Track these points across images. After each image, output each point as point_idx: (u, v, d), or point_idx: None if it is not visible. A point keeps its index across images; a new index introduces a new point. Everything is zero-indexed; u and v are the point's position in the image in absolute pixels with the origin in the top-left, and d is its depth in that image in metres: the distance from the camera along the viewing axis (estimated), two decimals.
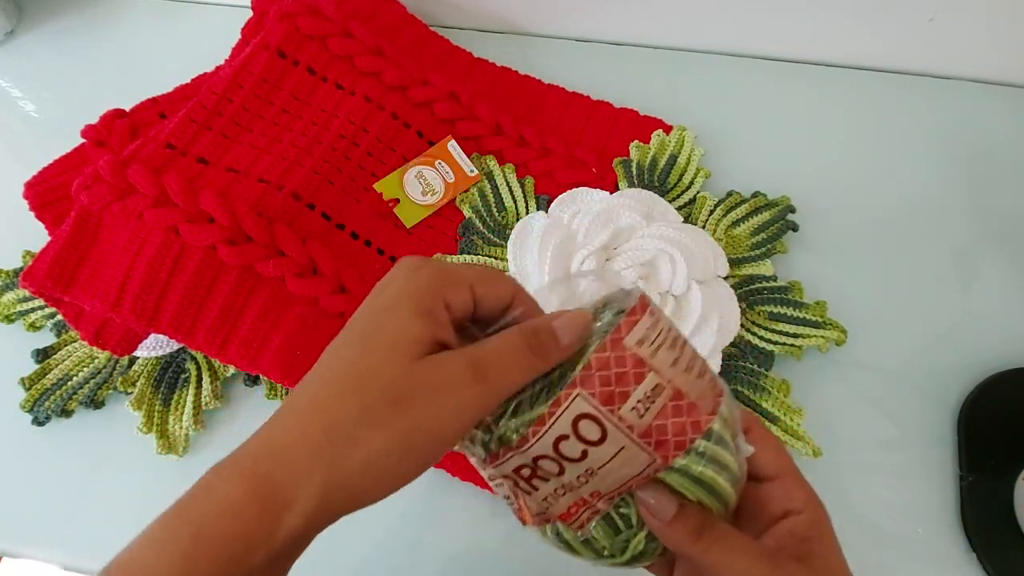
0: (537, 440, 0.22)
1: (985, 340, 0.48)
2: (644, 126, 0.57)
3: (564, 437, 0.22)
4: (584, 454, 0.22)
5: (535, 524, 0.26)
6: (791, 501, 0.27)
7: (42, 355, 0.48)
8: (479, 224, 0.51)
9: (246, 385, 0.48)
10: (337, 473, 0.21)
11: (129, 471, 0.45)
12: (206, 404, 0.46)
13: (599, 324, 0.24)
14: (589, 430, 0.22)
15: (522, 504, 0.25)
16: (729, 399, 0.25)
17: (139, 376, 0.47)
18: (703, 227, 0.51)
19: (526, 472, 0.23)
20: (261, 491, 0.21)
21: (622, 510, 0.25)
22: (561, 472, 0.23)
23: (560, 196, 0.52)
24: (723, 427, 0.24)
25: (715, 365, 0.45)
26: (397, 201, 0.51)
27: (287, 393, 0.47)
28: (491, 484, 0.26)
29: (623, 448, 0.22)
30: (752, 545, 0.25)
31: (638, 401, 0.22)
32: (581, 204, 0.51)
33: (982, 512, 0.42)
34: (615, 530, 0.25)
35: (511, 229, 0.50)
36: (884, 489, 0.44)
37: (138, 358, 0.47)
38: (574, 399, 0.22)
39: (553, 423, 0.22)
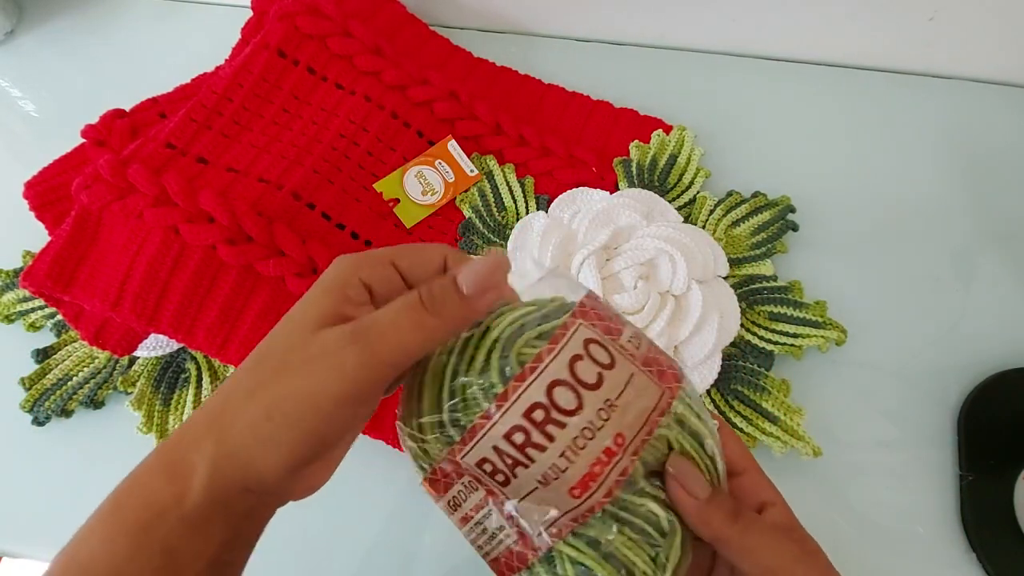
0: (552, 359, 0.21)
1: (985, 340, 0.48)
2: (644, 126, 0.57)
3: (578, 356, 0.21)
4: (600, 378, 0.21)
5: (533, 556, 0.22)
6: (764, 493, 0.27)
7: (42, 355, 0.48)
8: (479, 224, 0.51)
9: None
10: (224, 440, 0.21)
11: (129, 471, 0.45)
12: None
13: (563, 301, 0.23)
14: (599, 353, 0.21)
15: (515, 516, 0.22)
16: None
17: (139, 376, 0.47)
18: (703, 227, 0.51)
19: (539, 416, 0.20)
20: (165, 461, 0.22)
21: (650, 510, 0.22)
22: (580, 406, 0.20)
23: (560, 196, 0.52)
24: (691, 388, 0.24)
25: (715, 365, 0.45)
26: (397, 201, 0.51)
27: None
28: (461, 516, 0.23)
29: (633, 375, 0.22)
30: (777, 526, 0.25)
31: (630, 337, 0.23)
32: (581, 204, 0.51)
33: (982, 512, 0.42)
34: (647, 540, 0.22)
35: (511, 229, 0.50)
36: (884, 489, 0.44)
37: (138, 358, 0.47)
38: (578, 327, 0.21)
39: (565, 344, 0.21)
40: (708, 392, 0.45)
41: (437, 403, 0.22)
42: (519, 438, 0.21)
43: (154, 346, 0.47)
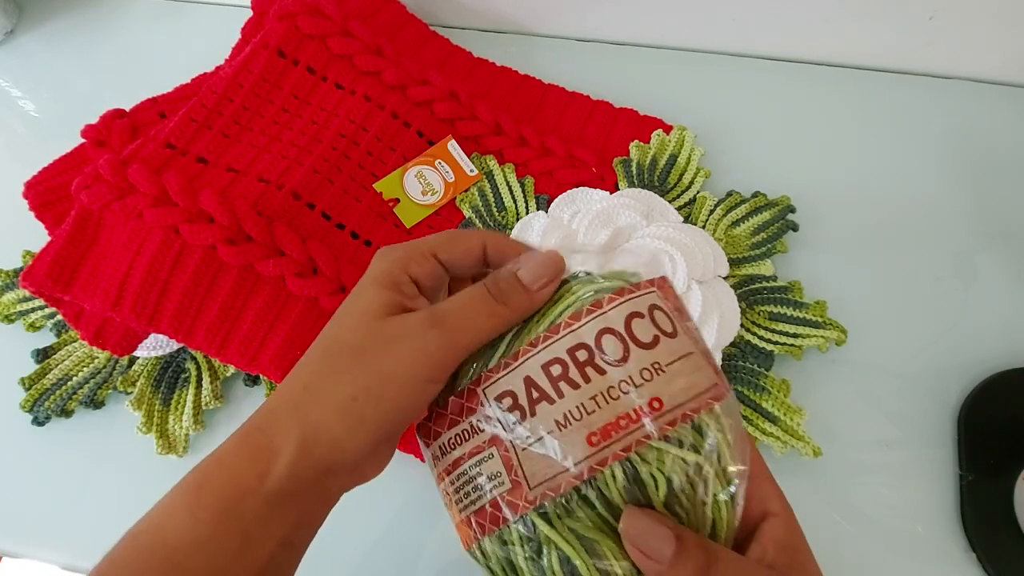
0: (612, 308, 0.20)
1: (985, 340, 0.48)
2: (644, 126, 0.57)
3: (639, 315, 0.20)
4: (656, 340, 0.20)
5: (528, 503, 0.20)
6: (769, 503, 0.26)
7: (42, 355, 0.48)
8: (479, 224, 0.51)
9: (246, 385, 0.48)
10: (311, 422, 0.23)
11: (129, 471, 0.45)
12: (206, 404, 0.46)
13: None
14: (663, 321, 0.21)
15: (515, 463, 0.20)
16: None
17: (139, 376, 0.47)
18: (703, 227, 0.51)
19: (582, 356, 0.20)
20: (250, 443, 0.23)
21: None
22: (624, 359, 0.20)
23: (560, 196, 0.52)
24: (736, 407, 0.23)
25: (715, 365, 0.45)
26: (397, 201, 0.51)
27: None
28: (452, 460, 0.22)
29: (691, 354, 0.21)
30: (762, 561, 0.24)
31: (695, 329, 0.22)
32: (581, 204, 0.51)
33: (982, 512, 0.42)
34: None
35: (511, 229, 0.50)
36: (884, 489, 0.44)
37: (138, 358, 0.47)
38: (648, 291, 0.21)
39: (629, 299, 0.20)
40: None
41: (504, 341, 0.22)
42: (556, 370, 0.20)
43: (154, 346, 0.47)
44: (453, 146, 0.53)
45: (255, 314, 0.43)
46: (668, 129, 0.56)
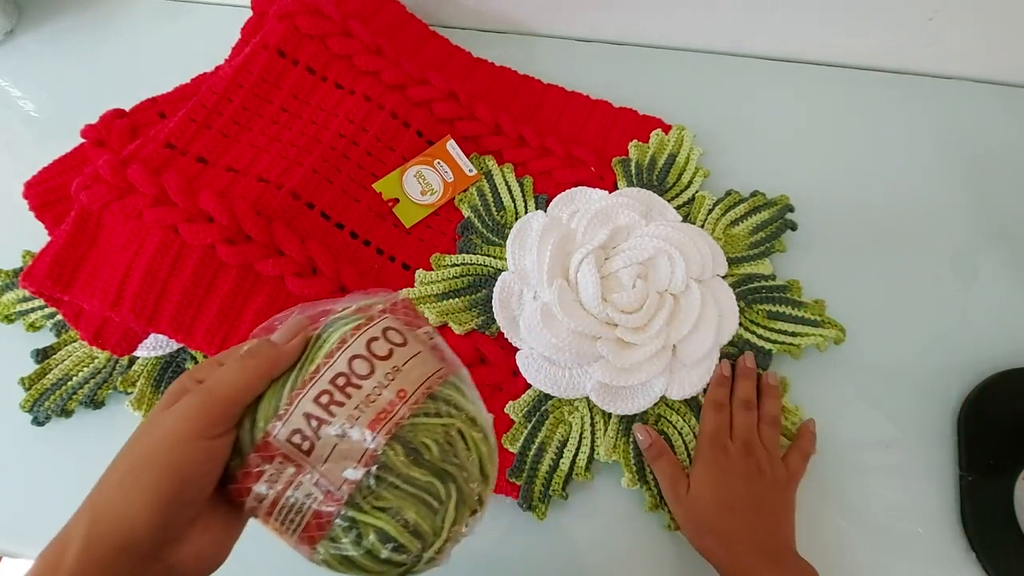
0: (354, 340, 0.27)
1: (985, 340, 0.48)
2: (643, 125, 0.57)
3: (375, 338, 0.27)
4: (390, 352, 0.27)
5: (332, 511, 0.25)
6: None
7: (42, 355, 0.48)
8: (478, 224, 0.51)
9: None
10: (97, 504, 0.24)
11: None
12: None
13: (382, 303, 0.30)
14: (394, 336, 0.27)
15: (319, 478, 0.25)
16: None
17: (139, 376, 0.47)
18: (702, 226, 0.51)
19: (340, 381, 0.26)
20: (54, 540, 0.25)
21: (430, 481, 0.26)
22: (372, 372, 0.26)
23: (559, 195, 0.52)
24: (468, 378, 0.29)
25: (713, 363, 0.46)
26: (396, 201, 0.51)
27: None
28: (271, 500, 0.25)
29: (420, 352, 0.28)
30: None
31: (427, 331, 0.29)
32: (580, 203, 0.51)
33: (982, 512, 0.42)
34: (428, 506, 0.26)
35: (510, 228, 0.50)
36: (884, 489, 0.44)
37: (138, 358, 0.47)
38: (382, 319, 0.28)
39: (366, 329, 0.27)
40: (706, 391, 0.45)
41: (276, 396, 0.27)
42: (324, 399, 0.25)
43: (154, 346, 0.47)
44: (452, 146, 0.53)
45: (254, 314, 0.43)
46: (667, 129, 0.56)
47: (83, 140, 0.49)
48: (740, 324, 0.47)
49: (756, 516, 0.39)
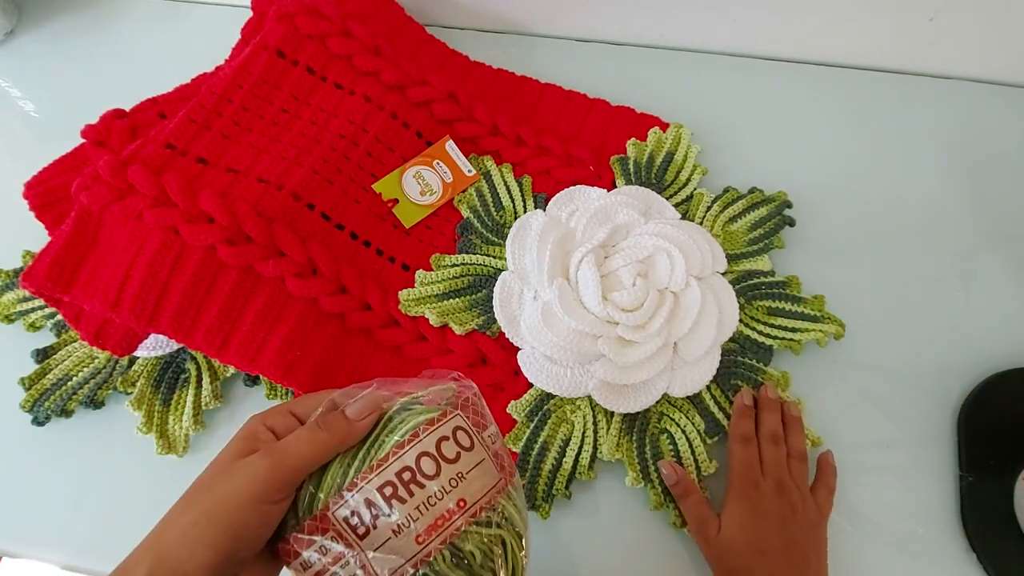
0: (426, 436, 0.27)
1: (985, 340, 0.48)
2: (641, 124, 0.57)
3: (445, 438, 0.28)
4: (457, 456, 0.28)
5: None
6: None
7: (42, 355, 0.48)
8: (477, 224, 0.51)
9: (246, 385, 0.48)
10: (159, 548, 0.26)
11: (129, 471, 0.45)
12: (206, 404, 0.46)
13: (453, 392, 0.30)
14: (463, 439, 0.28)
15: (367, 565, 0.26)
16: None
17: (139, 376, 0.47)
18: (700, 223, 0.51)
19: (407, 476, 0.27)
20: (122, 567, 0.26)
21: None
22: (437, 473, 0.27)
23: (558, 194, 0.52)
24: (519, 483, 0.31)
25: (714, 360, 0.46)
26: (396, 201, 0.51)
27: (287, 393, 0.47)
28: (315, 572, 0.26)
29: (483, 460, 0.28)
30: None
31: (491, 434, 0.30)
32: (579, 202, 0.51)
33: (982, 512, 0.42)
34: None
35: (509, 228, 0.50)
36: (884, 489, 0.44)
37: (138, 358, 0.47)
38: (453, 416, 0.29)
39: (439, 426, 0.28)
40: (708, 388, 0.45)
41: (342, 472, 0.28)
42: (388, 490, 0.26)
43: (154, 346, 0.47)
44: (451, 147, 0.53)
45: (255, 315, 0.43)
46: (664, 127, 0.56)
47: (83, 140, 0.49)
48: (740, 320, 0.47)
49: (787, 560, 0.38)
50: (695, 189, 0.53)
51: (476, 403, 0.30)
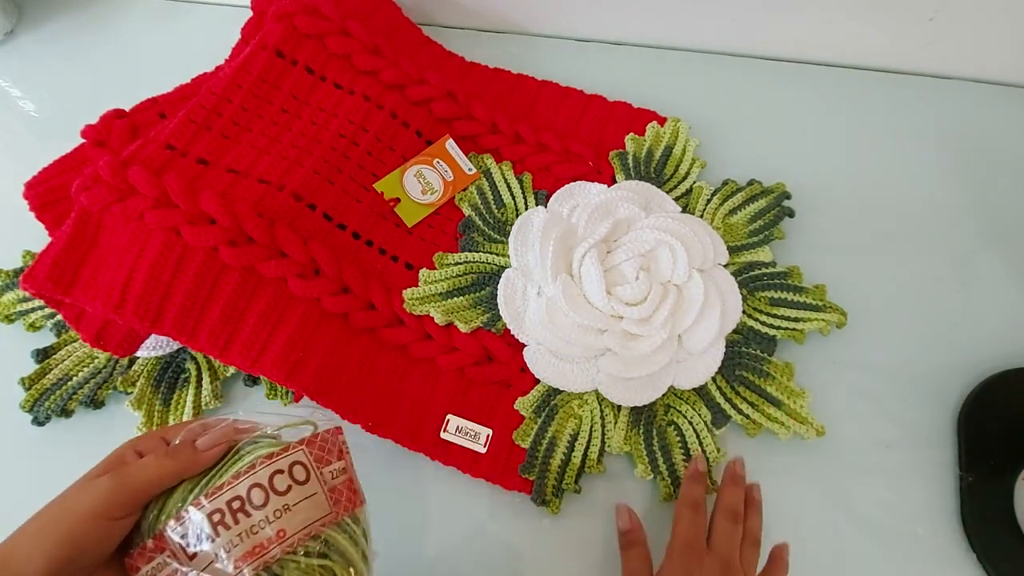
0: (262, 468, 0.29)
1: (985, 340, 0.48)
2: (638, 118, 0.57)
3: (280, 471, 0.29)
4: (288, 488, 0.29)
5: None
6: None
7: (42, 355, 0.48)
8: (479, 222, 0.51)
9: (246, 385, 0.48)
10: (5, 548, 0.28)
11: None
12: (206, 404, 0.46)
13: (315, 428, 0.32)
14: (298, 473, 0.30)
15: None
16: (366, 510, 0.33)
17: (139, 376, 0.47)
18: (701, 216, 0.52)
19: (236, 504, 0.28)
20: None
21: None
22: (265, 503, 0.28)
23: (558, 191, 0.52)
24: (365, 516, 0.32)
25: (719, 352, 0.46)
26: (397, 200, 0.51)
27: (287, 394, 0.47)
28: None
29: (315, 494, 0.30)
30: None
31: (334, 470, 0.31)
32: (579, 198, 0.51)
33: (982, 512, 0.42)
34: None
35: (511, 225, 0.50)
36: (884, 489, 0.44)
37: (138, 358, 0.47)
38: (296, 451, 0.30)
39: (276, 460, 0.29)
40: (714, 379, 0.45)
41: (183, 497, 0.29)
42: (217, 517, 0.28)
43: (154, 346, 0.47)
44: (451, 145, 0.53)
45: (258, 316, 0.42)
46: (662, 121, 0.57)
47: (83, 140, 0.49)
48: (743, 311, 0.47)
49: None
50: (694, 182, 0.53)
51: (328, 441, 0.31)
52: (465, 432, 0.44)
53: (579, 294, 0.46)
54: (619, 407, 0.45)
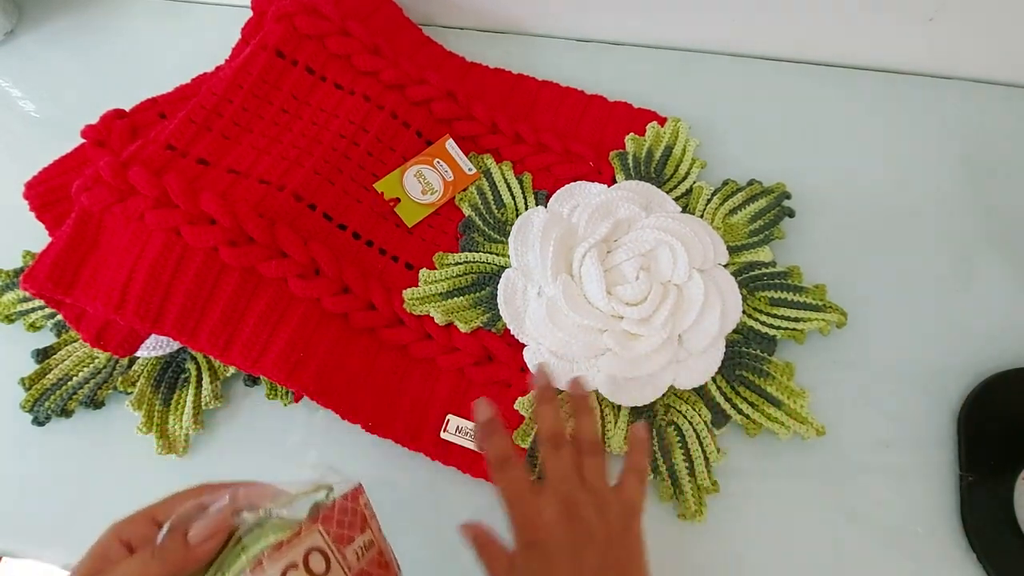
0: (272, 565, 0.25)
1: (985, 340, 0.48)
2: (638, 118, 0.57)
3: (294, 565, 0.25)
4: None
5: None
6: None
7: (42, 355, 0.48)
8: (479, 222, 0.51)
9: (246, 385, 0.48)
10: None
11: (129, 471, 0.45)
12: (206, 404, 0.46)
13: (329, 493, 0.28)
14: (316, 564, 0.26)
15: None
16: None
17: (139, 376, 0.47)
18: (701, 216, 0.52)
19: None
20: None
21: None
22: None
23: (559, 191, 0.52)
24: None
25: (719, 352, 0.46)
26: (398, 200, 0.51)
27: (288, 394, 0.47)
28: None
29: None
30: None
31: (359, 547, 0.27)
32: (580, 198, 0.51)
33: (982, 512, 0.42)
34: None
35: (511, 225, 0.50)
36: (884, 489, 0.44)
37: (138, 358, 0.47)
38: (310, 534, 0.26)
39: (288, 551, 0.25)
40: (714, 379, 0.45)
41: None
42: None
43: (154, 346, 0.47)
44: (451, 145, 0.53)
45: (258, 316, 0.42)
46: (662, 121, 0.57)
47: (83, 140, 0.49)
48: (743, 311, 0.47)
49: None
50: (695, 182, 0.53)
51: (347, 510, 0.27)
52: (465, 432, 0.44)
53: (579, 294, 0.47)
54: (619, 407, 0.45)
